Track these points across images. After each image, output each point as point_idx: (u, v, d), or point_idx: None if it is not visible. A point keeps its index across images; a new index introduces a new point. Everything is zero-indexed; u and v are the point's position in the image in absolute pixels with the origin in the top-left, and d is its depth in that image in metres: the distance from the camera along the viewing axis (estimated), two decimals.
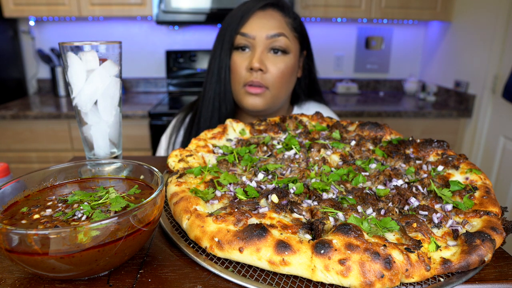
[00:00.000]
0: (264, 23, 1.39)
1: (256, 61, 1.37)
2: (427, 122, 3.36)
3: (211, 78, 1.48)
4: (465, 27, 3.43)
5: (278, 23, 1.40)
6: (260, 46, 1.39)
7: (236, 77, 1.43)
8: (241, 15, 1.40)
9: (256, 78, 1.38)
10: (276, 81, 1.42)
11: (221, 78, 1.45)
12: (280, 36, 1.39)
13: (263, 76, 1.40)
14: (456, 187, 0.74)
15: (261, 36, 1.38)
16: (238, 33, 1.40)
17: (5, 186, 0.61)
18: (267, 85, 1.41)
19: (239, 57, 1.42)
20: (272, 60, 1.41)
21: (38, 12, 3.30)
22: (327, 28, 4.04)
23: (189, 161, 0.86)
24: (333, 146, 0.94)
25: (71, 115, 3.08)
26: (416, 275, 0.54)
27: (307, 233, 0.60)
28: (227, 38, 1.41)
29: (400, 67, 4.25)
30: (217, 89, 1.47)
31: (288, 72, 1.44)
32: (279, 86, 1.43)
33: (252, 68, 1.37)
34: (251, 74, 1.39)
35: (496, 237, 0.60)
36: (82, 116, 0.85)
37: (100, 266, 0.53)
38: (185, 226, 0.65)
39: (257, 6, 1.40)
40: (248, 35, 1.38)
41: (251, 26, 1.39)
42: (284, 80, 1.44)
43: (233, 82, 1.45)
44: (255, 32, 1.38)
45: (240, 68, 1.41)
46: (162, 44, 3.97)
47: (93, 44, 0.79)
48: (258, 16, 1.40)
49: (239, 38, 1.40)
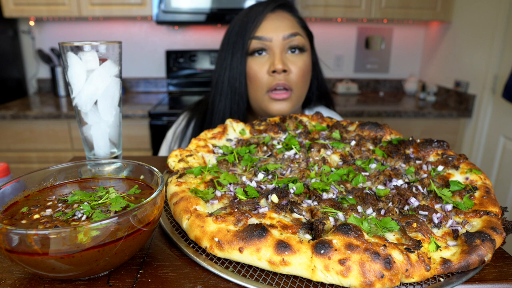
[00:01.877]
0: (278, 24, 1.37)
1: (279, 62, 1.33)
2: (427, 122, 3.36)
3: (221, 89, 1.41)
4: (465, 27, 3.43)
5: (291, 23, 1.39)
6: (278, 47, 1.36)
7: (257, 83, 1.38)
8: (252, 19, 1.37)
9: (281, 80, 1.35)
10: (299, 81, 1.39)
11: (234, 88, 1.40)
12: (296, 35, 1.37)
13: (287, 77, 1.36)
14: (456, 187, 0.74)
15: (278, 38, 1.35)
16: (253, 37, 1.35)
17: (5, 186, 0.61)
18: (291, 86, 1.38)
19: (256, 63, 1.37)
20: (292, 60, 1.38)
21: (38, 12, 3.30)
22: (327, 28, 4.04)
23: (189, 161, 0.86)
24: (333, 146, 0.94)
25: (71, 115, 3.09)
26: (416, 275, 0.54)
27: (307, 233, 0.60)
28: (239, 45, 1.37)
29: (400, 67, 4.25)
30: (229, 100, 1.41)
31: (308, 69, 1.43)
32: (302, 85, 1.41)
33: (275, 70, 1.34)
34: (274, 77, 1.35)
35: (496, 237, 0.60)
36: (82, 116, 0.85)
37: (100, 266, 0.53)
38: (185, 226, 0.65)
39: (268, 8, 1.38)
40: (265, 38, 1.35)
41: (266, 29, 1.36)
42: (306, 79, 1.43)
43: (253, 90, 1.40)
44: (271, 34, 1.35)
45: (260, 73, 1.37)
46: (162, 44, 3.97)
47: (93, 44, 0.80)
48: (271, 18, 1.37)
49: (254, 43, 1.36)
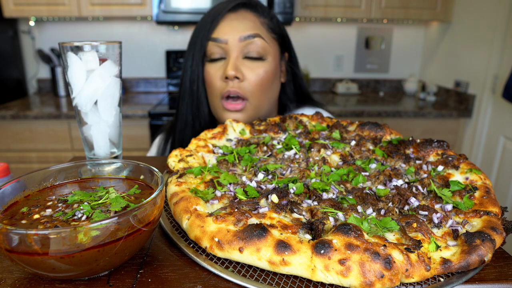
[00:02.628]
0: (236, 24, 1.25)
1: (231, 68, 1.21)
2: (427, 122, 3.36)
3: (183, 92, 1.34)
4: (465, 27, 3.43)
5: (251, 24, 1.26)
6: (234, 51, 1.24)
7: (212, 89, 1.28)
8: (211, 19, 1.26)
9: (233, 87, 1.23)
10: (255, 90, 1.26)
11: (193, 91, 1.31)
12: (255, 37, 1.24)
13: (240, 85, 1.24)
14: (456, 187, 0.74)
15: (234, 39, 1.23)
16: (209, 39, 1.25)
17: (5, 186, 0.61)
18: (245, 95, 1.25)
19: (213, 67, 1.27)
20: (249, 66, 1.25)
21: (38, 12, 3.30)
22: (327, 28, 4.04)
23: (189, 161, 0.86)
24: (333, 146, 0.94)
25: (71, 115, 3.09)
26: (416, 275, 0.54)
27: (307, 233, 0.60)
28: (198, 47, 1.27)
29: (400, 67, 4.26)
30: (189, 103, 1.33)
31: (268, 78, 1.28)
32: (259, 95, 1.27)
33: (227, 76, 1.22)
34: (227, 83, 1.24)
35: (496, 237, 0.60)
36: (82, 116, 0.85)
37: (100, 266, 0.53)
38: (185, 226, 0.65)
39: (227, 8, 1.27)
40: (220, 40, 1.24)
41: (222, 30, 1.24)
42: (264, 88, 1.28)
43: (210, 96, 1.31)
44: (227, 35, 1.23)
45: (215, 79, 1.26)
46: (162, 44, 3.97)
47: (93, 44, 0.80)
48: (230, 19, 1.26)
49: (211, 45, 1.26)
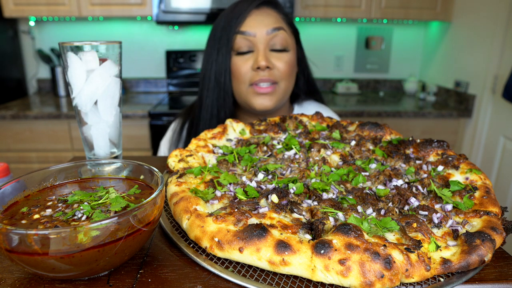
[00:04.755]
0: (261, 20, 1.38)
1: (262, 58, 1.34)
2: (427, 122, 3.36)
3: (208, 84, 1.44)
4: (465, 27, 3.43)
5: (275, 19, 1.40)
6: (262, 44, 1.37)
7: (240, 78, 1.40)
8: (237, 15, 1.38)
9: (265, 76, 1.36)
10: (284, 75, 1.41)
11: (220, 83, 1.42)
12: (280, 30, 1.38)
13: (271, 72, 1.38)
14: (456, 187, 0.74)
15: (262, 33, 1.36)
16: (238, 32, 1.37)
17: (5, 186, 0.61)
18: (276, 80, 1.39)
19: (241, 59, 1.39)
20: (276, 57, 1.40)
21: (38, 12, 3.30)
22: (327, 28, 4.04)
23: (189, 161, 0.86)
24: (333, 146, 0.94)
25: (71, 115, 3.09)
26: (416, 275, 0.54)
27: (307, 233, 0.60)
28: (224, 41, 1.38)
29: (400, 67, 4.25)
30: (215, 94, 1.43)
31: (293, 65, 1.44)
32: (287, 79, 1.43)
33: (259, 67, 1.35)
34: (258, 73, 1.37)
35: (496, 237, 0.60)
36: (82, 116, 0.85)
37: (100, 266, 0.53)
38: (185, 226, 0.65)
39: (252, 5, 1.39)
40: (249, 33, 1.36)
41: (250, 24, 1.37)
42: (290, 73, 1.44)
43: (237, 84, 1.42)
44: (255, 29, 1.36)
45: (244, 69, 1.38)
46: (162, 44, 3.97)
47: (93, 44, 0.80)
48: (255, 14, 1.39)
49: (239, 38, 1.37)
